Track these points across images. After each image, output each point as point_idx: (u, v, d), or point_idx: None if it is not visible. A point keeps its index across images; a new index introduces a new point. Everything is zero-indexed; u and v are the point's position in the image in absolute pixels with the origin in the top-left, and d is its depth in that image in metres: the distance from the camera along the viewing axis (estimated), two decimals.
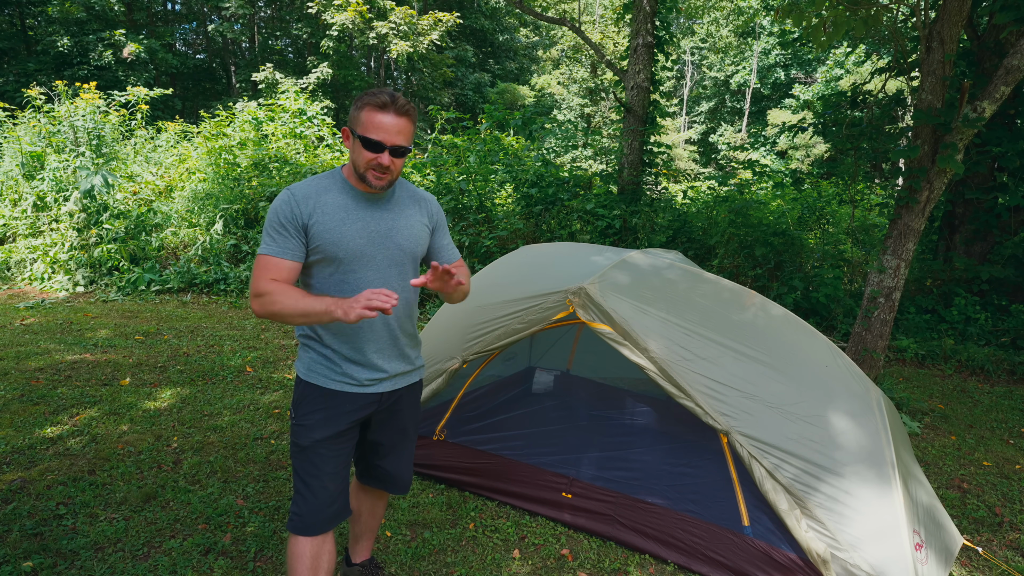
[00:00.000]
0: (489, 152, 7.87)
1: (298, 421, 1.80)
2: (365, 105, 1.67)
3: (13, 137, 7.98)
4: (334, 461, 1.81)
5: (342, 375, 1.79)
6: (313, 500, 1.79)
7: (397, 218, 1.81)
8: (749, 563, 2.29)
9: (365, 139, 1.66)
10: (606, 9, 27.19)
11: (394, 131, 1.66)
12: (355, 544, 2.21)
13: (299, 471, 1.81)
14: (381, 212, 1.79)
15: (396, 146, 1.67)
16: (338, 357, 1.79)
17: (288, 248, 1.70)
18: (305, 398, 1.80)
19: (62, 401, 3.76)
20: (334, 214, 1.72)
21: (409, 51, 19.75)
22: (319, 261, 1.75)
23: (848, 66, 22.03)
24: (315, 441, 1.77)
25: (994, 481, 3.44)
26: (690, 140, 31.85)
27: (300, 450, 1.80)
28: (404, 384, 1.92)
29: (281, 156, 8.24)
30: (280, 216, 1.69)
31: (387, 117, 1.66)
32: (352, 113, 1.72)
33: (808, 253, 6.75)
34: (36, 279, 7.16)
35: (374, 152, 1.67)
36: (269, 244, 1.70)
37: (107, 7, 19.29)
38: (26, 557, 2.29)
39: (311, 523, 1.79)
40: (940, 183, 4.14)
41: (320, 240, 1.71)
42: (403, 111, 1.67)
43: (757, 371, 2.41)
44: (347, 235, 1.72)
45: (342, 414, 1.80)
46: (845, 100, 6.50)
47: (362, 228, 1.75)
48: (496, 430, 3.08)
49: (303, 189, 1.73)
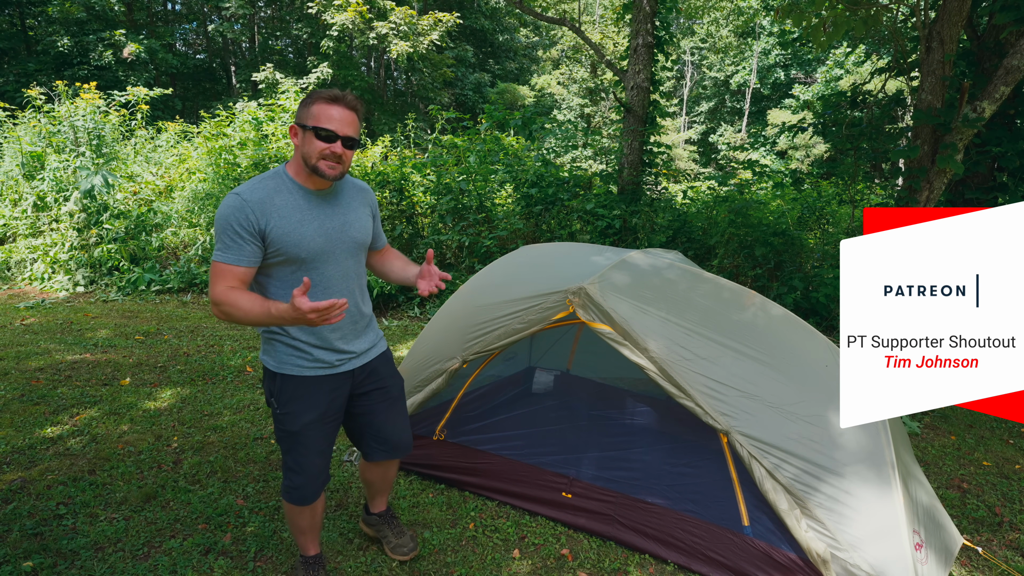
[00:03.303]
0: (489, 152, 7.87)
1: (282, 411, 1.91)
2: (316, 100, 1.76)
3: (13, 137, 7.98)
4: (322, 440, 1.97)
5: (313, 361, 1.90)
6: (304, 475, 1.97)
7: (348, 213, 1.91)
8: (749, 563, 2.29)
9: (318, 129, 1.74)
10: (606, 9, 27.20)
11: (345, 122, 1.76)
12: (372, 499, 2.44)
13: (290, 452, 1.96)
14: (333, 209, 1.88)
15: (347, 136, 1.77)
16: (306, 346, 1.89)
17: (243, 255, 1.74)
18: (283, 389, 1.90)
19: (62, 401, 3.76)
20: (290, 216, 1.78)
21: (409, 51, 19.74)
22: (280, 262, 1.81)
23: (848, 66, 22.02)
24: (304, 424, 1.91)
25: (994, 481, 3.43)
26: (690, 140, 31.84)
27: (289, 435, 1.93)
28: (372, 357, 2.07)
29: (281, 156, 8.24)
30: (233, 223, 1.71)
31: (337, 110, 1.75)
32: (300, 111, 1.80)
33: (808, 253, 6.74)
34: (36, 279, 7.16)
35: (327, 142, 1.75)
36: (223, 252, 1.73)
37: (107, 7, 19.29)
38: (26, 557, 2.29)
39: (305, 495, 2.00)
40: (940, 183, 4.14)
41: (280, 244, 1.77)
42: (351, 105, 1.78)
43: (757, 371, 2.41)
44: (306, 236, 1.79)
45: (321, 395, 1.93)
46: (845, 100, 6.50)
47: (319, 227, 1.83)
48: (496, 430, 3.08)
49: (254, 193, 1.76)
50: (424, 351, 3.01)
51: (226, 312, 1.70)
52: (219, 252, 1.73)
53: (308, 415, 1.90)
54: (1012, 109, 5.94)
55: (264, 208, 1.74)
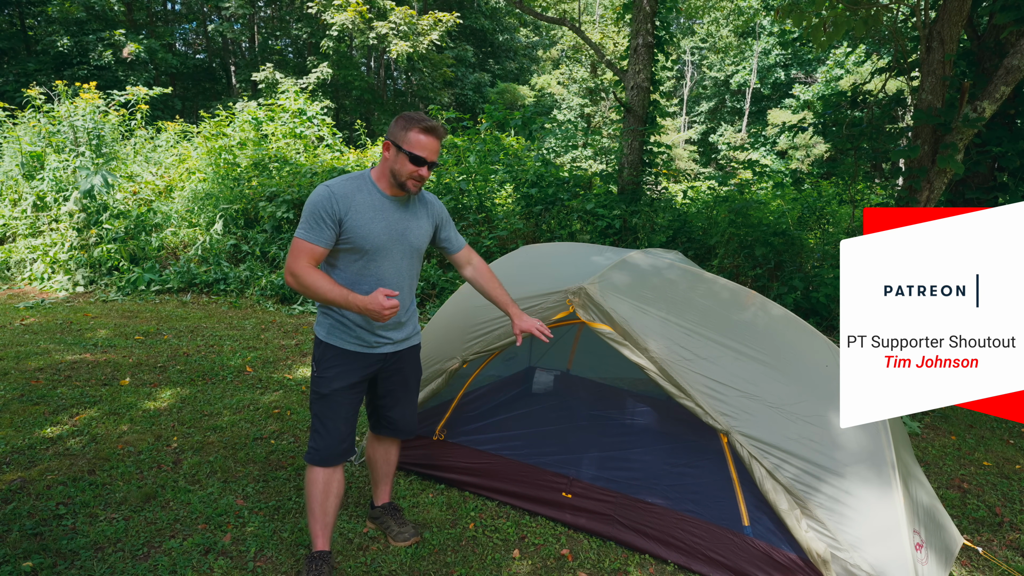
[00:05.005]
0: (489, 152, 7.87)
1: (320, 374, 2.20)
2: (414, 127, 2.04)
3: (13, 137, 7.98)
4: (348, 406, 2.23)
5: (355, 338, 2.19)
6: (328, 437, 2.20)
7: (411, 220, 2.20)
8: (749, 563, 2.29)
9: (413, 155, 2.04)
10: (606, 9, 27.20)
11: (433, 150, 2.08)
12: (376, 489, 2.61)
13: (318, 414, 2.21)
14: (400, 214, 2.17)
15: (433, 163, 2.10)
16: (352, 324, 2.18)
17: (322, 237, 2.03)
18: (325, 355, 2.20)
19: (62, 401, 3.76)
20: (365, 212, 2.08)
21: (409, 51, 19.74)
22: (347, 250, 2.10)
23: (848, 66, 22.02)
24: (334, 390, 2.18)
25: (994, 481, 3.43)
26: (690, 140, 31.84)
27: (320, 397, 2.20)
28: (405, 347, 2.34)
29: (281, 156, 8.24)
30: (319, 208, 2.02)
31: (429, 140, 2.06)
32: (397, 131, 2.07)
33: (808, 253, 6.74)
34: (36, 279, 7.16)
35: (418, 166, 2.05)
36: (306, 231, 2.02)
37: (107, 7, 19.29)
38: (26, 557, 2.29)
39: (326, 456, 2.21)
40: (940, 183, 4.14)
41: (352, 233, 2.05)
42: (441, 136, 2.10)
43: (757, 371, 2.41)
44: (374, 231, 2.09)
45: (355, 368, 2.21)
46: (845, 100, 6.50)
47: (386, 227, 2.11)
48: (496, 430, 3.08)
49: (341, 188, 2.07)
50: (424, 351, 3.00)
51: (302, 284, 1.99)
52: (302, 231, 2.03)
53: (339, 382, 2.17)
54: (1012, 109, 5.93)
55: (347, 201, 2.04)
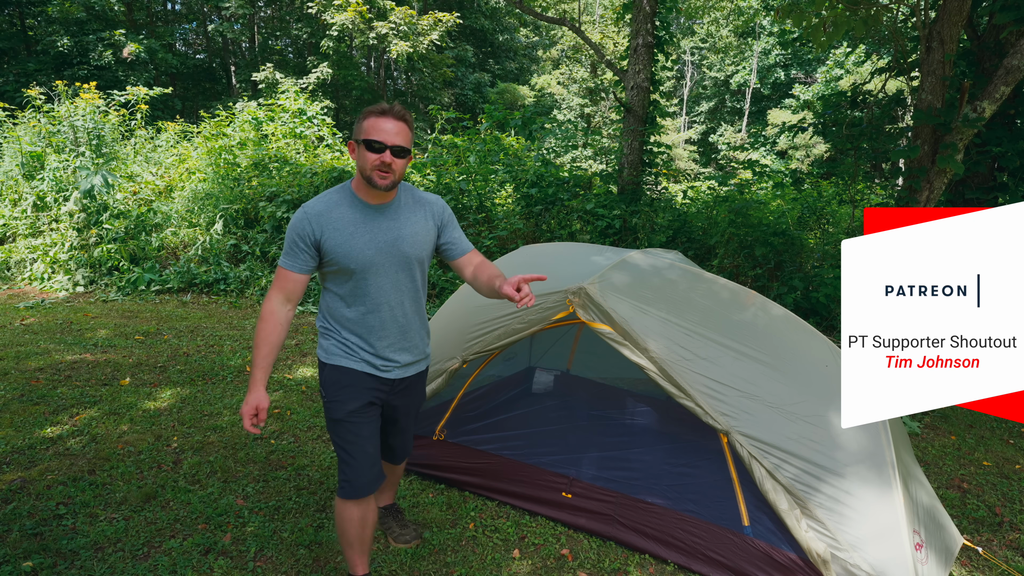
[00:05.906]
0: (489, 152, 7.87)
1: (330, 399, 2.02)
2: (367, 115, 1.88)
3: (13, 137, 7.98)
4: (368, 426, 2.04)
5: (360, 360, 2.02)
6: (356, 464, 2.01)
7: (402, 227, 1.98)
8: (749, 563, 2.29)
9: (368, 141, 1.84)
10: (606, 9, 27.20)
11: (393, 133, 1.85)
12: (379, 495, 2.54)
13: (339, 443, 2.03)
14: (387, 222, 1.96)
15: (396, 146, 1.85)
16: (354, 347, 2.01)
17: (299, 262, 1.92)
18: (331, 378, 2.02)
19: (62, 401, 3.76)
20: (343, 229, 1.91)
21: (409, 51, 19.73)
22: (334, 272, 1.96)
23: (848, 66, 22.01)
24: (348, 412, 1.99)
25: (994, 481, 3.43)
26: (690, 140, 31.84)
27: (336, 423, 2.01)
28: (413, 372, 2.14)
29: (281, 156, 8.23)
30: (294, 232, 1.91)
31: (386, 122, 1.85)
32: (355, 128, 1.92)
33: (808, 253, 6.74)
34: (36, 279, 7.15)
35: (377, 153, 1.84)
36: (284, 257, 1.94)
37: (107, 7, 19.28)
38: (26, 557, 2.29)
39: (359, 486, 2.01)
40: (940, 183, 4.14)
41: (332, 254, 1.91)
42: (400, 116, 1.88)
43: (757, 371, 2.41)
44: (356, 247, 1.91)
45: (364, 388, 2.02)
46: (845, 100, 6.50)
47: (370, 240, 1.93)
48: (496, 430, 3.08)
49: (315, 207, 1.92)
50: None
51: (257, 325, 1.94)
52: (282, 257, 1.95)
53: (351, 403, 2.00)
54: (1012, 109, 5.93)
55: (321, 220, 1.90)
